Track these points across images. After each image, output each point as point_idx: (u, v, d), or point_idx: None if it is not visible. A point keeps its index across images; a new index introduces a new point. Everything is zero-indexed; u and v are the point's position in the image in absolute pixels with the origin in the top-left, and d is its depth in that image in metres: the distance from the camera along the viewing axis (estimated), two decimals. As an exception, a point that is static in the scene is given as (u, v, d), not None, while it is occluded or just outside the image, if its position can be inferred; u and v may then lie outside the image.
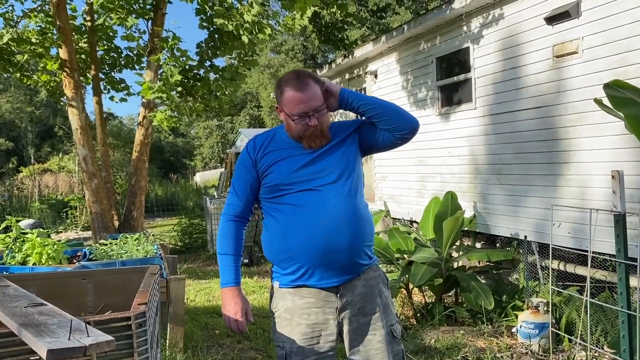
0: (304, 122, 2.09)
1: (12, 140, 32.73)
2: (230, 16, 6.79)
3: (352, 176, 2.18)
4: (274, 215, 2.18)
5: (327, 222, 2.06)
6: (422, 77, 7.24)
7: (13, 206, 15.75)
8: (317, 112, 2.09)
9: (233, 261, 2.23)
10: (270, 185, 2.17)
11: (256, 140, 2.28)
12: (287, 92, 2.09)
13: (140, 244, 4.58)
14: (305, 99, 2.06)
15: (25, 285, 2.64)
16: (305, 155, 2.16)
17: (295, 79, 2.10)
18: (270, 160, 2.18)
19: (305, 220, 2.09)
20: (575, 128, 4.86)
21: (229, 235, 2.24)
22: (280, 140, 2.23)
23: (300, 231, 2.08)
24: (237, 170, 2.29)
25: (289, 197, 2.13)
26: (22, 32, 8.24)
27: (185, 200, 18.65)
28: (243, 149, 2.30)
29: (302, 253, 2.09)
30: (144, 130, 8.45)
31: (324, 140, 2.14)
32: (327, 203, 2.09)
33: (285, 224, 2.13)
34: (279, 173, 2.14)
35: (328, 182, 2.12)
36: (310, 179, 2.12)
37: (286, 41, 28.93)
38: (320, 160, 2.16)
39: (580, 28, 4.76)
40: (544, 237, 5.23)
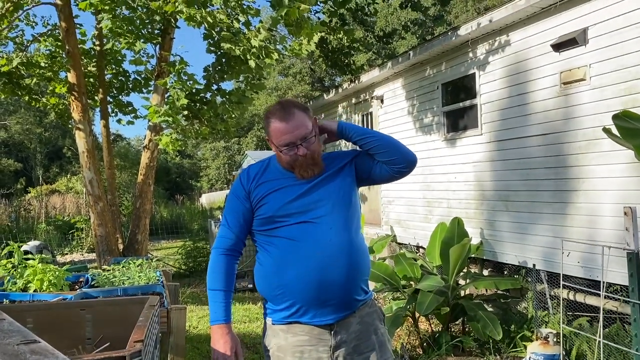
0: (292, 153, 2.04)
1: (21, 161, 32.97)
2: (238, 41, 6.81)
3: (348, 208, 2.12)
4: (268, 249, 2.11)
5: (322, 257, 2.00)
6: (428, 103, 7.23)
7: (20, 227, 15.77)
8: (304, 140, 2.04)
9: (224, 297, 2.14)
10: (264, 217, 2.10)
11: (250, 171, 2.23)
12: (273, 124, 2.06)
13: (142, 270, 4.54)
14: (290, 129, 2.02)
15: (23, 316, 2.60)
16: (300, 186, 2.10)
17: (279, 109, 2.06)
18: (264, 191, 2.12)
19: (300, 255, 2.02)
20: (585, 155, 4.80)
21: (219, 270, 2.16)
22: (274, 169, 2.18)
23: (295, 266, 2.02)
24: (230, 201, 2.22)
25: (283, 229, 2.07)
26: (32, 56, 8.32)
27: (191, 222, 18.61)
28: (236, 179, 2.25)
29: (296, 289, 2.02)
30: (150, 153, 8.46)
31: (316, 169, 2.09)
32: (323, 236, 2.03)
33: (279, 259, 2.06)
34: (273, 204, 2.08)
35: (324, 214, 2.06)
36: (306, 211, 2.06)
37: (294, 64, 29.18)
38: (316, 191, 2.10)
39: (588, 55, 4.73)
40: (553, 265, 5.14)
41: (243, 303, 7.30)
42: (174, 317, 3.49)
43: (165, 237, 16.92)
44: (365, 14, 10.91)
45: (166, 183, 33.36)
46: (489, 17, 5.69)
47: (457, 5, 27.71)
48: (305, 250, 2.02)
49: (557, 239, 5.08)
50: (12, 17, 7.97)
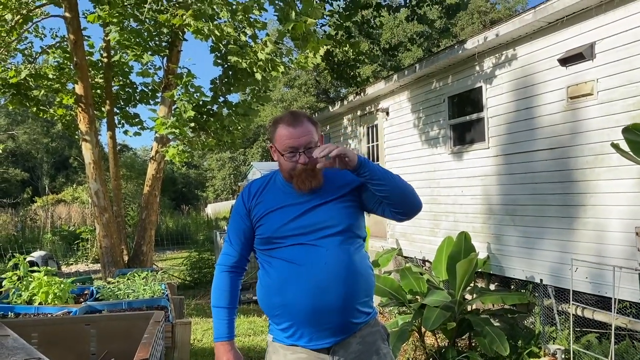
0: (293, 160, 2.02)
1: (28, 170, 33.12)
2: (244, 54, 6.84)
3: (348, 230, 2.07)
4: (266, 269, 2.11)
5: (317, 281, 1.97)
6: (434, 116, 7.22)
7: (26, 237, 15.82)
8: (307, 149, 2.02)
9: (227, 314, 2.16)
10: (262, 237, 2.10)
11: (251, 187, 2.21)
12: (280, 129, 2.05)
13: (147, 283, 4.52)
14: (296, 135, 2.01)
15: (28, 332, 2.59)
16: (300, 206, 2.07)
17: (289, 116, 2.07)
18: (264, 210, 2.11)
19: (296, 278, 2.00)
20: (592, 170, 4.77)
21: (223, 287, 2.17)
22: (276, 185, 2.16)
23: (291, 289, 2.00)
24: (232, 218, 2.22)
25: (280, 251, 2.05)
26: (40, 67, 8.38)
27: (196, 233, 18.61)
28: (239, 195, 2.24)
29: (291, 312, 2.01)
30: (156, 164, 8.47)
31: (314, 182, 2.04)
32: (319, 259, 1.99)
33: (276, 280, 2.05)
34: (271, 225, 2.07)
35: (322, 236, 2.03)
36: (303, 233, 2.03)
37: (299, 76, 29.28)
38: (316, 212, 2.07)
39: (595, 70, 4.72)
40: (561, 280, 5.09)
41: (248, 315, 7.27)
42: (178, 331, 3.48)
43: (170, 247, 16.92)
44: (371, 27, 10.95)
45: (172, 193, 33.41)
46: (495, 31, 5.70)
47: (463, 17, 27.78)
48: (301, 273, 1.99)
49: (565, 254, 5.04)
50: (21, 29, 8.04)
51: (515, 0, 32.43)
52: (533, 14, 5.14)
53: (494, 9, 31.52)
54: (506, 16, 28.88)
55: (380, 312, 7.00)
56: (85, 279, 5.61)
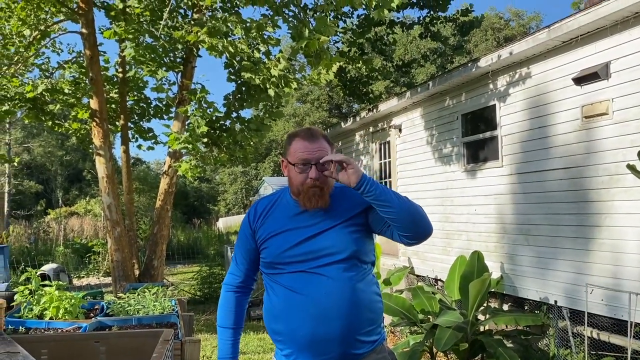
0: (304, 173, 1.97)
1: (42, 183, 33.48)
2: (258, 70, 6.89)
3: (354, 256, 2.00)
4: (270, 294, 2.08)
5: (317, 311, 1.93)
6: (447, 133, 7.19)
7: (38, 249, 15.91)
8: (320, 165, 1.98)
9: (232, 335, 2.15)
10: (266, 262, 2.07)
11: (258, 206, 2.17)
12: (295, 142, 2.02)
13: (157, 299, 4.51)
14: (310, 148, 1.98)
15: (38, 348, 2.58)
16: (304, 230, 2.02)
17: (305, 131, 2.05)
18: (268, 232, 2.06)
19: (296, 307, 1.96)
20: (607, 191, 4.71)
21: (228, 307, 2.17)
22: (284, 205, 2.11)
23: (290, 317, 1.97)
24: (239, 237, 2.19)
25: (282, 277, 2.02)
26: (56, 82, 8.50)
27: (207, 247, 18.61)
28: (246, 213, 2.20)
29: (292, 340, 1.98)
30: (169, 179, 8.52)
31: (320, 201, 1.99)
32: (320, 289, 1.95)
33: (277, 306, 2.02)
34: (273, 250, 2.03)
35: (324, 264, 1.97)
36: (306, 260, 1.98)
37: (312, 91, 29.42)
38: (320, 238, 2.01)
39: (610, 89, 4.68)
40: (576, 302, 5.00)
41: (257, 332, 7.22)
42: (187, 349, 3.45)
43: (181, 261, 16.94)
44: (384, 44, 10.99)
45: (184, 207, 33.55)
46: (509, 49, 5.68)
47: (476, 34, 27.83)
48: (302, 302, 1.96)
49: (580, 276, 4.97)
50: (39, 44, 8.19)
51: (530, 17, 32.47)
52: (547, 33, 5.13)
53: (508, 25, 31.58)
54: (520, 33, 28.90)
55: (391, 332, 6.92)
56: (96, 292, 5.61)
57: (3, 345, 2.36)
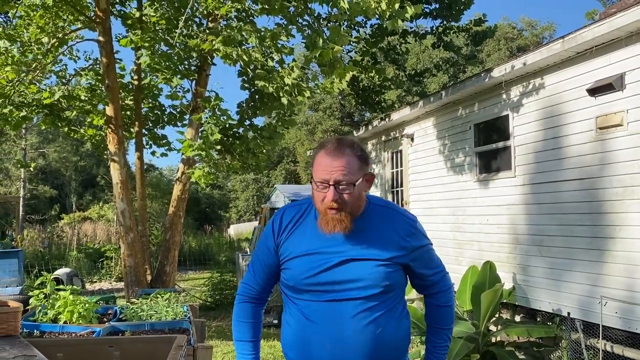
0: (322, 193, 1.77)
1: (57, 188, 33.82)
2: (271, 79, 6.95)
3: (387, 292, 1.82)
4: (287, 314, 1.94)
5: (336, 349, 1.76)
6: (460, 143, 7.19)
7: (52, 253, 16.07)
8: (338, 185, 1.75)
9: (252, 349, 1.99)
10: (286, 283, 1.91)
11: (284, 216, 1.95)
12: (319, 155, 1.82)
13: (170, 304, 4.54)
14: (330, 167, 1.76)
15: (54, 352, 2.62)
16: (331, 256, 1.81)
17: (332, 144, 1.81)
18: (291, 252, 1.87)
19: (312, 341, 1.80)
20: (622, 202, 4.68)
21: (245, 319, 2.01)
22: (311, 219, 1.90)
23: (304, 349, 1.82)
24: (260, 247, 2.00)
25: (302, 303, 1.85)
26: (73, 89, 8.61)
27: (218, 253, 18.68)
28: (270, 221, 2.00)
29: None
30: (182, 185, 8.58)
31: (338, 226, 1.77)
32: (342, 326, 1.77)
33: (295, 332, 1.87)
34: (295, 273, 1.85)
35: (350, 298, 1.78)
36: (331, 290, 1.79)
37: (324, 99, 29.51)
38: (349, 267, 1.80)
39: (625, 101, 4.66)
40: (589, 314, 4.96)
41: (268, 339, 7.23)
42: (200, 356, 3.47)
43: (192, 267, 17.01)
44: (397, 53, 11.02)
45: (196, 213, 33.69)
46: (523, 59, 5.68)
47: (489, 43, 27.79)
48: (319, 337, 1.79)
49: (594, 288, 4.93)
50: (56, 52, 8.31)
51: (543, 27, 32.37)
52: (561, 43, 5.12)
53: (521, 35, 31.50)
54: (533, 43, 28.81)
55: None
56: (109, 297, 5.67)
57: (20, 349, 2.40)
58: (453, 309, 2.06)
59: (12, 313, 2.61)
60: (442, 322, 2.04)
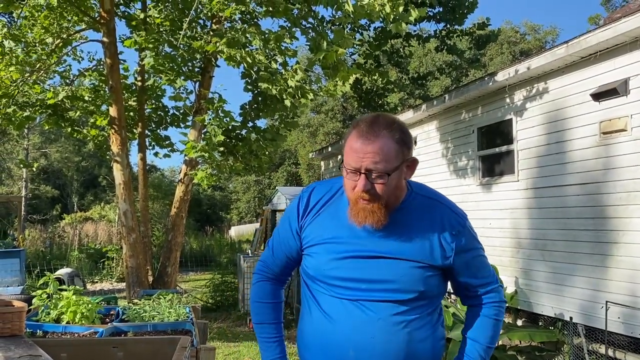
0: (352, 181, 1.54)
1: (58, 188, 33.87)
2: (275, 81, 6.96)
3: (422, 298, 1.59)
4: (305, 308, 1.73)
5: (358, 358, 1.55)
6: (463, 146, 7.19)
7: (53, 254, 16.08)
8: (370, 174, 1.50)
9: (275, 331, 1.77)
10: (308, 273, 1.68)
11: (314, 193, 1.71)
12: (350, 136, 1.57)
13: (172, 305, 4.54)
14: (361, 152, 1.50)
15: (58, 352, 2.61)
16: (361, 249, 1.58)
17: (365, 123, 1.55)
18: (316, 236, 1.64)
19: (333, 344, 1.59)
20: (625, 207, 4.68)
21: (264, 299, 1.79)
22: (343, 204, 1.64)
23: (324, 354, 1.62)
24: (282, 224, 1.77)
25: (323, 296, 1.64)
26: (76, 89, 8.63)
27: (219, 255, 18.67)
28: (296, 197, 1.76)
29: None
30: (184, 187, 8.59)
31: (370, 218, 1.53)
32: (369, 331, 1.55)
33: (313, 330, 1.66)
34: (319, 262, 1.63)
35: (380, 299, 1.56)
36: (357, 288, 1.57)
37: (326, 102, 29.54)
38: (380, 265, 1.57)
39: (629, 106, 4.67)
40: (591, 319, 4.96)
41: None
42: (202, 357, 3.47)
43: (193, 268, 17.00)
44: (400, 56, 11.02)
45: (197, 214, 33.69)
46: (527, 64, 5.68)
47: (492, 47, 27.80)
48: (339, 339, 1.58)
49: (596, 292, 4.92)
50: (61, 52, 8.33)
51: (546, 31, 32.38)
52: (565, 48, 5.13)
53: (524, 39, 31.51)
54: (536, 47, 28.82)
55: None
56: (110, 298, 5.65)
57: (25, 348, 2.40)
58: (500, 325, 1.75)
59: (17, 313, 2.60)
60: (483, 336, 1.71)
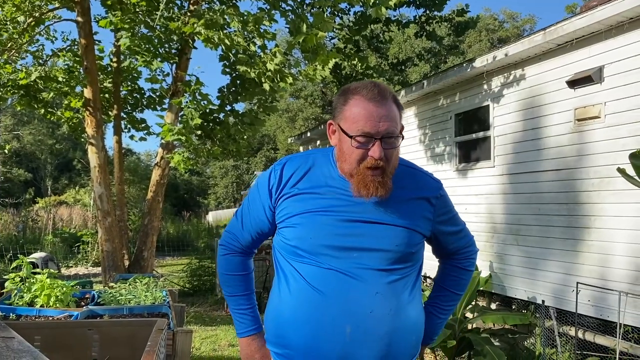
0: (362, 149, 1.45)
1: (31, 171, 33.23)
2: (253, 64, 6.89)
3: (413, 268, 1.58)
4: (284, 283, 1.57)
5: (355, 333, 1.45)
6: (440, 132, 7.24)
7: (27, 238, 15.81)
8: (387, 139, 1.46)
9: (247, 302, 1.70)
10: (289, 244, 1.55)
11: (286, 168, 1.61)
12: (354, 101, 1.47)
13: (149, 289, 4.52)
14: (376, 116, 1.43)
15: (31, 334, 2.58)
16: (351, 216, 1.50)
17: (373, 87, 1.48)
18: (297, 208, 1.54)
19: (322, 316, 1.47)
20: (598, 193, 4.77)
21: (233, 272, 1.72)
22: (320, 176, 1.57)
23: (311, 328, 1.48)
24: (251, 197, 1.67)
25: (308, 268, 1.51)
26: (50, 70, 8.44)
27: (196, 240, 18.59)
28: (266, 173, 1.68)
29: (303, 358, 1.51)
30: (161, 170, 8.50)
31: (381, 189, 1.46)
32: (362, 302, 1.46)
33: (294, 307, 1.52)
34: (304, 232, 1.51)
35: (372, 268, 1.48)
36: (348, 257, 1.48)
37: (305, 87, 29.41)
38: (372, 231, 1.51)
39: (603, 93, 4.74)
40: (563, 302, 5.07)
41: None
42: (179, 340, 3.47)
43: (170, 253, 16.90)
44: (380, 42, 11.01)
45: (174, 199, 33.44)
46: (505, 50, 5.73)
47: (470, 34, 27.93)
48: (332, 314, 1.46)
49: (568, 276, 5.03)
50: (33, 31, 8.12)
51: (524, 19, 32.63)
52: (543, 35, 5.17)
53: (502, 27, 31.72)
54: (514, 35, 29.04)
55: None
56: (85, 282, 5.59)
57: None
58: (471, 276, 1.86)
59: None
60: (458, 286, 1.82)
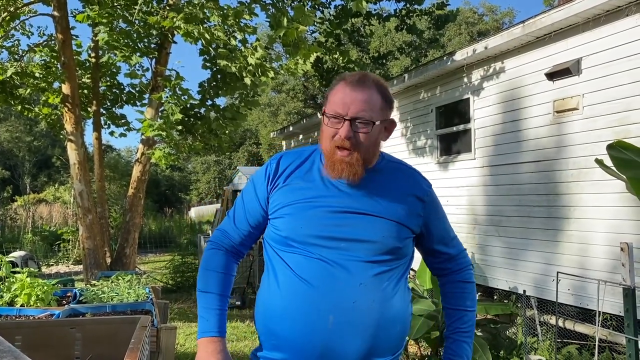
0: (333, 128, 1.53)
1: (9, 169, 32.67)
2: (234, 58, 6.84)
3: (397, 256, 1.58)
4: (273, 277, 1.59)
5: (338, 323, 1.48)
6: (422, 126, 7.28)
7: (5, 236, 15.56)
8: (355, 121, 1.51)
9: (218, 303, 1.61)
10: (280, 235, 1.59)
11: (283, 160, 1.67)
12: (337, 87, 1.58)
13: (131, 286, 4.48)
14: (349, 98, 1.51)
15: (12, 334, 2.55)
16: (339, 207, 1.55)
17: (356, 77, 1.57)
18: (288, 198, 1.59)
19: (308, 306, 1.49)
20: (576, 184, 4.85)
21: (215, 268, 1.65)
22: (313, 169, 1.64)
23: (298, 319, 1.51)
24: (246, 192, 1.71)
25: (296, 258, 1.54)
26: (26, 65, 8.29)
27: (179, 236, 18.47)
28: (263, 166, 1.72)
29: (292, 349, 1.52)
30: (142, 166, 8.41)
31: (347, 171, 1.52)
32: (346, 292, 1.48)
33: (282, 297, 1.54)
34: (293, 221, 1.55)
35: (358, 259, 1.51)
36: (335, 247, 1.51)
37: (287, 81, 29.32)
38: (359, 223, 1.54)
39: (581, 85, 4.81)
40: (544, 292, 5.15)
41: (230, 321, 7.22)
42: (163, 336, 3.45)
43: (152, 250, 16.77)
44: (361, 35, 11.01)
45: (155, 195, 33.14)
46: (484, 43, 5.77)
47: (450, 28, 28.07)
48: (317, 304, 1.49)
49: (548, 266, 5.11)
50: (8, 26, 7.96)
51: (503, 13, 32.87)
52: (522, 28, 5.22)
53: (482, 20, 31.92)
54: (493, 28, 29.25)
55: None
56: (67, 280, 5.53)
57: (-23, 331, 2.34)
58: (474, 288, 1.78)
59: (-33, 295, 2.52)
60: (467, 300, 1.73)
